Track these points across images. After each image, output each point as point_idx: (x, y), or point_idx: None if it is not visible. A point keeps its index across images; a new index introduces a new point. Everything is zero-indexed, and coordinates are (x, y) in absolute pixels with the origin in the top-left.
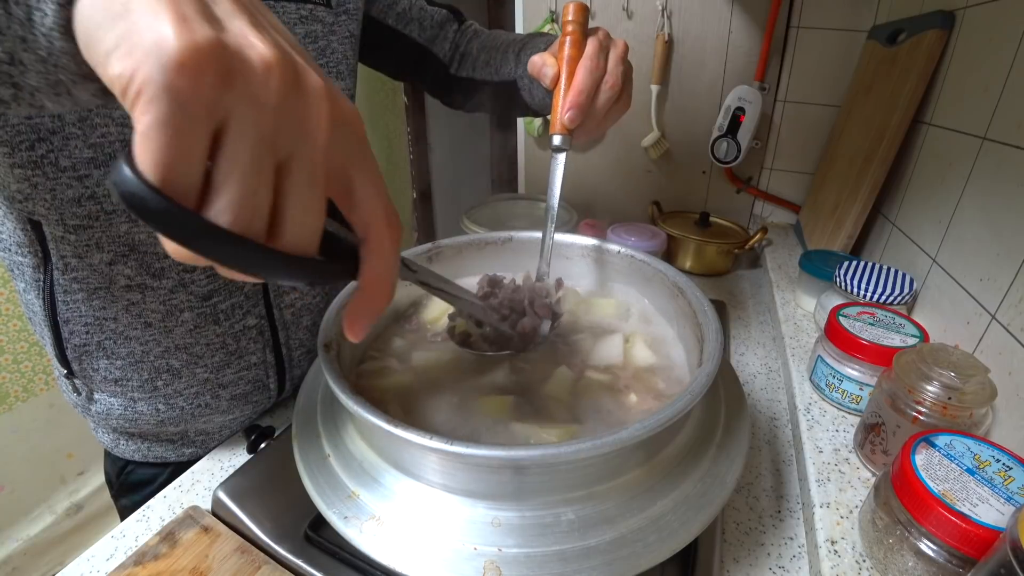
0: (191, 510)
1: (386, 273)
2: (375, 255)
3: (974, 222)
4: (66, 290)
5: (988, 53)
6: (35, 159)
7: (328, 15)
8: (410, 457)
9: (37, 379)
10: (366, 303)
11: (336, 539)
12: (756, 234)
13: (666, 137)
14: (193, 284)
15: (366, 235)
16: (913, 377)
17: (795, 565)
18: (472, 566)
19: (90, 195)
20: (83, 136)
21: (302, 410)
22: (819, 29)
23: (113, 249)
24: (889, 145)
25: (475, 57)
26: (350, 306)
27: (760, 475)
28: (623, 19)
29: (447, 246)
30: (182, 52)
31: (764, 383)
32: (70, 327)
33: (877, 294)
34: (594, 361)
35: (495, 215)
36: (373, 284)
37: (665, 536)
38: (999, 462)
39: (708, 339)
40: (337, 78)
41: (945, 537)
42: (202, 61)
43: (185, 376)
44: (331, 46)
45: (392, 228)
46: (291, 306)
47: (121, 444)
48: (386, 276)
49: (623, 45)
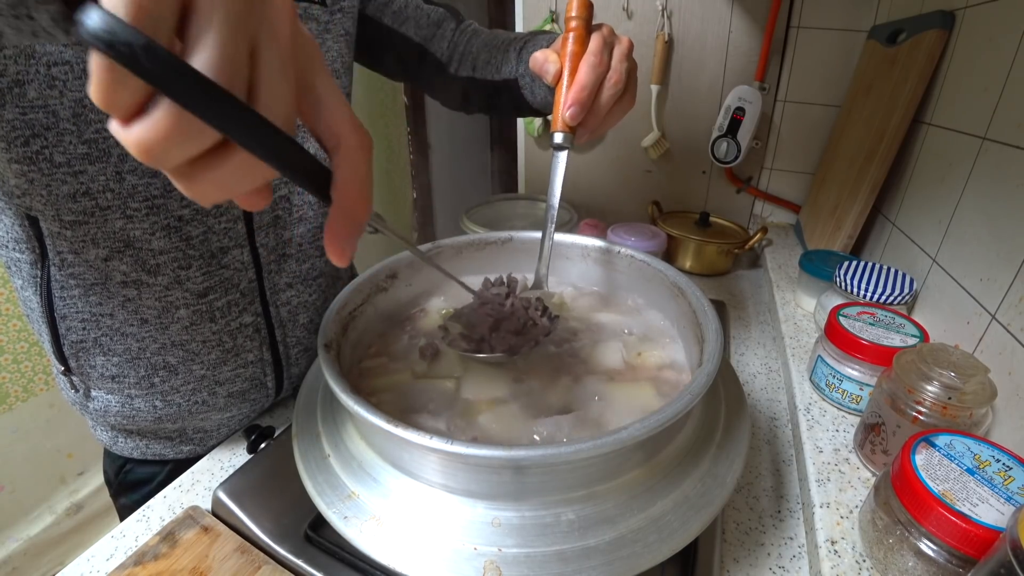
0: (191, 510)
1: (359, 177)
2: (347, 161)
3: (974, 222)
4: (63, 286)
5: (988, 53)
6: (30, 155)
7: (323, 13)
8: (410, 457)
9: (37, 379)
10: (345, 215)
11: (336, 539)
12: (756, 234)
13: (666, 137)
14: (189, 281)
15: (336, 142)
16: (913, 377)
17: (795, 565)
18: (472, 566)
19: (85, 191)
20: (77, 132)
21: (302, 410)
22: (819, 29)
23: (108, 245)
24: (889, 145)
25: (475, 56)
26: (328, 226)
27: (760, 475)
28: (623, 19)
29: (447, 246)
30: None
31: (764, 383)
32: (67, 323)
33: (877, 294)
34: (594, 365)
35: (495, 215)
36: (349, 191)
37: (665, 536)
38: (999, 462)
39: (708, 339)
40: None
41: (945, 537)
42: None
43: (182, 373)
44: (326, 44)
45: (360, 132)
46: (287, 304)
47: (119, 442)
48: (360, 180)
49: (627, 42)
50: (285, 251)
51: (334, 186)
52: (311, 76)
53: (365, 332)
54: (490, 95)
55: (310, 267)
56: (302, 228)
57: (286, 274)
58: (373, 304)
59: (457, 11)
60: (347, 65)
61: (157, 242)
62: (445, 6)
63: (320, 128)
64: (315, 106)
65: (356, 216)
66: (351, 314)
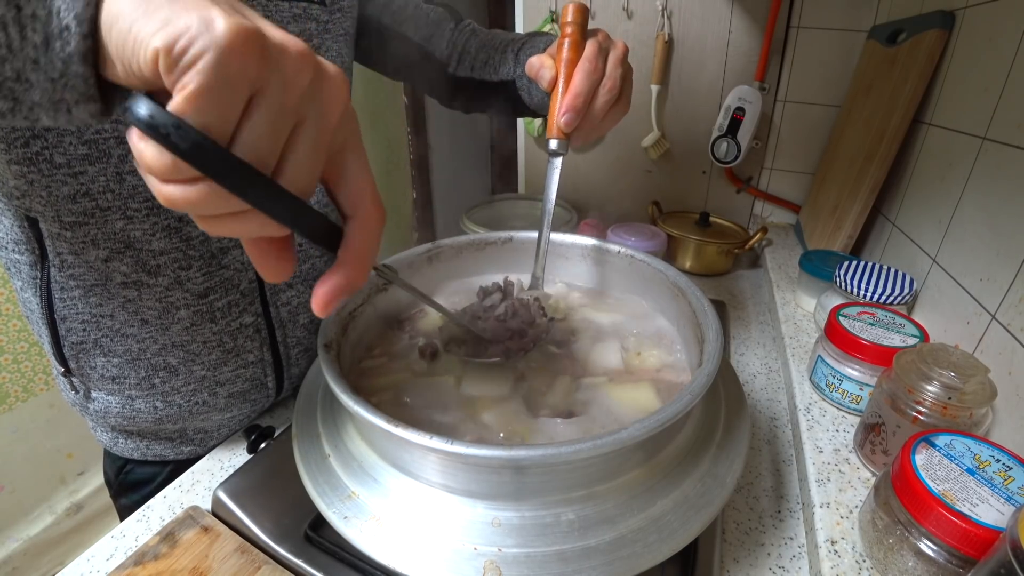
0: (191, 510)
1: (368, 248)
2: (361, 228)
3: (974, 222)
4: (63, 287)
5: (988, 53)
6: (30, 155)
7: (323, 13)
8: (410, 457)
9: (37, 379)
10: (344, 276)
11: (336, 539)
12: (756, 234)
13: (666, 137)
14: (189, 281)
15: (354, 211)
16: (913, 377)
17: (795, 565)
18: (472, 566)
19: (85, 191)
20: (77, 133)
21: (302, 410)
22: (819, 29)
23: (108, 246)
24: (889, 145)
25: (473, 56)
26: (326, 280)
27: (760, 475)
28: (623, 19)
29: (447, 246)
30: (234, 33)
31: (764, 383)
32: (67, 324)
33: (877, 294)
34: (593, 366)
35: (495, 215)
36: (355, 257)
37: (665, 536)
38: (999, 462)
39: (708, 339)
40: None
41: (945, 537)
42: (250, 42)
43: (182, 374)
44: (325, 44)
45: (378, 207)
46: (287, 304)
47: (120, 443)
48: (367, 251)
49: (622, 47)
50: None
51: (344, 246)
52: (346, 151)
53: (365, 332)
54: (488, 95)
55: (310, 267)
56: None
57: None
58: (373, 304)
59: (456, 11)
60: (346, 65)
61: (157, 243)
62: (444, 6)
63: (340, 196)
64: (342, 176)
65: (353, 279)
66: (351, 314)
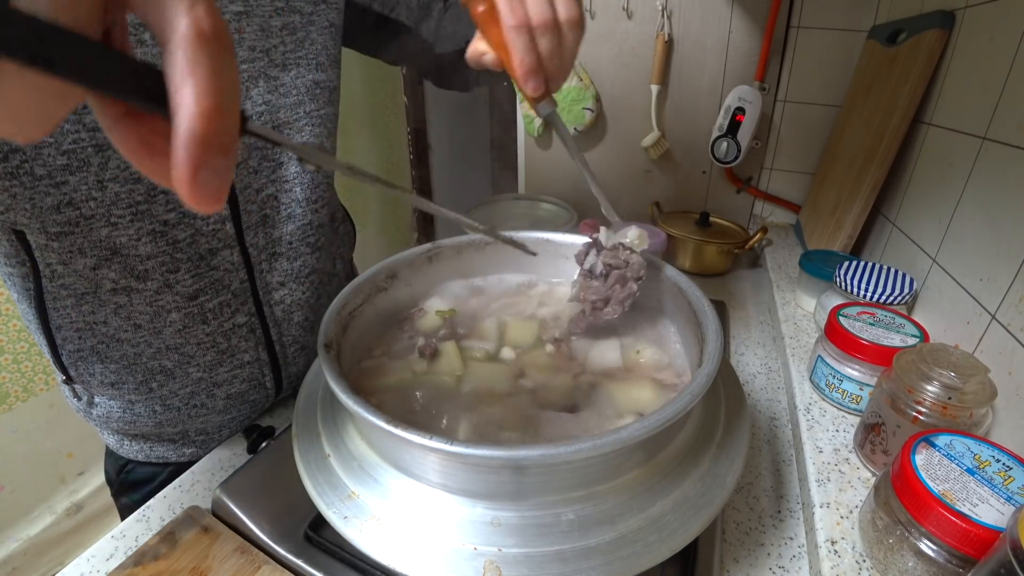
0: (191, 510)
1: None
2: (177, 55)
3: (974, 222)
4: (55, 297)
5: (988, 53)
6: (11, 170)
7: (307, 5)
8: (410, 457)
9: (37, 379)
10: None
11: (336, 539)
12: (756, 234)
13: (666, 137)
14: (178, 284)
15: (166, 31)
16: (913, 377)
17: (795, 565)
18: (472, 566)
19: (68, 201)
20: (55, 144)
21: (302, 410)
22: (819, 29)
23: (96, 254)
24: (889, 145)
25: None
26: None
27: (760, 475)
28: (623, 19)
29: (447, 246)
30: None
31: (764, 383)
32: (63, 333)
33: (877, 294)
34: (592, 365)
35: (495, 215)
36: (183, 97)
37: (665, 536)
38: (999, 462)
39: (708, 339)
40: (318, 69)
41: (945, 537)
42: None
43: (179, 376)
44: (310, 37)
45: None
46: (280, 303)
47: (125, 445)
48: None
49: None
50: (275, 250)
51: (170, 86)
52: None
53: (365, 332)
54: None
55: (302, 264)
56: (291, 226)
57: (278, 273)
58: (373, 304)
59: None
60: (332, 58)
61: (143, 248)
62: None
63: (150, 20)
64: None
65: (201, 131)
66: (351, 314)
